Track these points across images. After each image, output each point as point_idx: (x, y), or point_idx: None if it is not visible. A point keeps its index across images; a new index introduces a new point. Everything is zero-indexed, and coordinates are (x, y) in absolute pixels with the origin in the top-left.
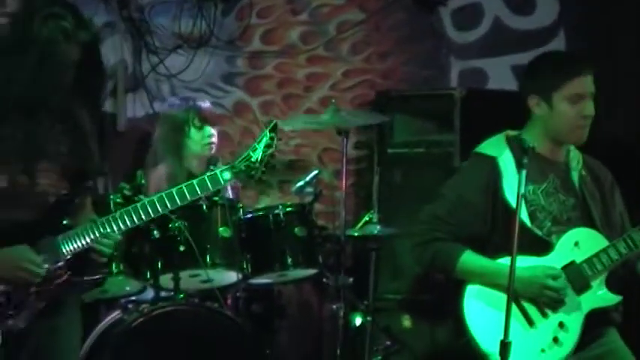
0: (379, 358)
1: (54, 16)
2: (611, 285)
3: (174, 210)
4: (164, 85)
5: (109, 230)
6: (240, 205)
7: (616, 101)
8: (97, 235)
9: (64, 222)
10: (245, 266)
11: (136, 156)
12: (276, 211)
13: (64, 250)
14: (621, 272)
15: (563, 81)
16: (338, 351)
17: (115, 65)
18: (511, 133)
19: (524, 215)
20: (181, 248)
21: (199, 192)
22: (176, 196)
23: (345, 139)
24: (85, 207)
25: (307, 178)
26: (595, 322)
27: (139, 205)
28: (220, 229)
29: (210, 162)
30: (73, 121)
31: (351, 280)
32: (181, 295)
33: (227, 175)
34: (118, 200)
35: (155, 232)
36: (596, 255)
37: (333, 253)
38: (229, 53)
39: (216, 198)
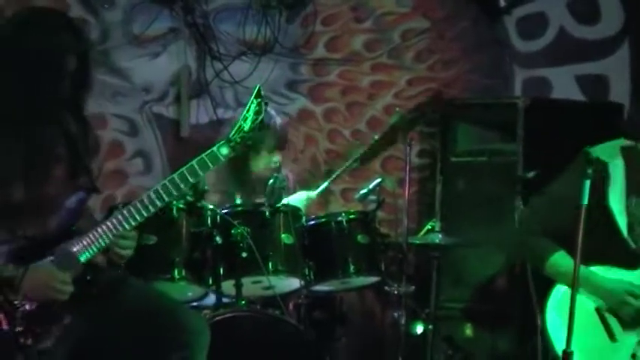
0: None
1: (52, 28)
2: None
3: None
4: (228, 91)
5: (125, 227)
6: (303, 212)
7: None
8: (111, 237)
9: (73, 228)
10: (307, 273)
11: None
12: (339, 219)
13: (82, 259)
14: None
15: None
16: (399, 358)
17: (179, 71)
18: (627, 143)
19: (622, 225)
20: (244, 254)
21: (201, 172)
22: (179, 181)
23: (408, 147)
24: (87, 210)
25: (370, 186)
26: None
27: (144, 197)
28: (283, 235)
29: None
30: (65, 127)
31: (412, 288)
32: (243, 302)
33: (225, 150)
34: (181, 206)
35: (217, 238)
36: None
37: (396, 261)
38: (293, 60)
39: (278, 205)
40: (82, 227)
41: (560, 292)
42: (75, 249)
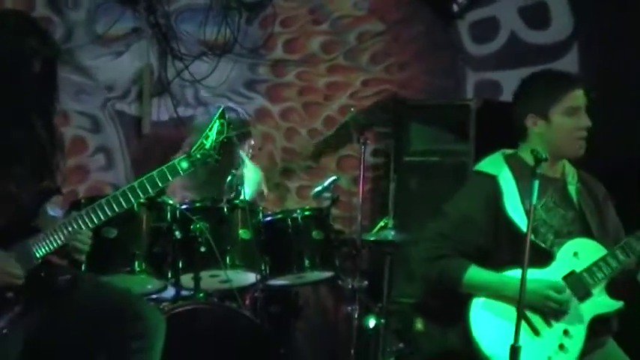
0: (392, 359)
1: (18, 32)
2: (612, 292)
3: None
4: (188, 90)
5: (81, 228)
6: (260, 208)
7: (627, 115)
8: (67, 235)
9: (32, 224)
10: (264, 268)
11: (159, 158)
12: (295, 215)
13: (37, 255)
14: (621, 279)
15: (558, 96)
16: (352, 352)
17: (141, 70)
18: (508, 151)
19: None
20: (202, 249)
21: (160, 183)
22: (138, 190)
23: (363, 147)
24: (45, 209)
25: (325, 184)
26: (598, 328)
27: (103, 201)
28: (240, 231)
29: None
30: (33, 129)
31: (365, 283)
32: (201, 295)
33: (185, 164)
34: (142, 201)
35: (177, 232)
36: (596, 264)
37: (349, 257)
38: (252, 61)
39: (236, 201)
40: (41, 225)
41: (480, 300)
42: (31, 245)
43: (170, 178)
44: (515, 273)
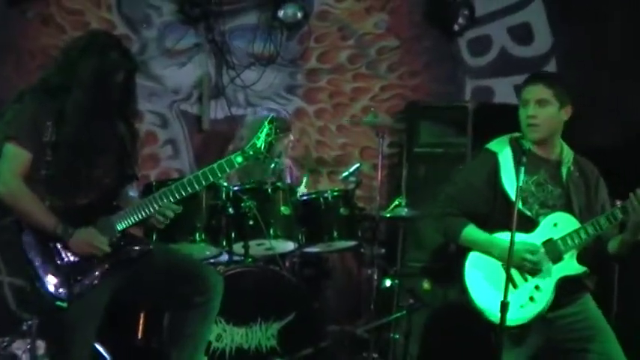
0: (404, 312)
1: (107, 48)
2: (582, 259)
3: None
4: (240, 94)
5: (152, 209)
6: (298, 189)
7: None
8: (145, 214)
9: (114, 203)
10: (300, 238)
11: (216, 148)
12: (326, 195)
13: (118, 228)
14: (593, 248)
15: (519, 90)
16: (372, 306)
17: (201, 77)
18: (516, 134)
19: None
20: (250, 222)
21: (219, 174)
22: (201, 179)
23: (381, 140)
24: (126, 191)
25: (350, 170)
26: (571, 287)
27: (173, 188)
28: (282, 207)
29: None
30: (116, 127)
31: (383, 250)
32: (250, 260)
33: (239, 159)
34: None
35: (230, 209)
36: (570, 234)
37: (370, 229)
38: (292, 70)
39: (278, 184)
40: (122, 204)
41: (473, 259)
42: (113, 220)
43: (227, 170)
44: (503, 235)
